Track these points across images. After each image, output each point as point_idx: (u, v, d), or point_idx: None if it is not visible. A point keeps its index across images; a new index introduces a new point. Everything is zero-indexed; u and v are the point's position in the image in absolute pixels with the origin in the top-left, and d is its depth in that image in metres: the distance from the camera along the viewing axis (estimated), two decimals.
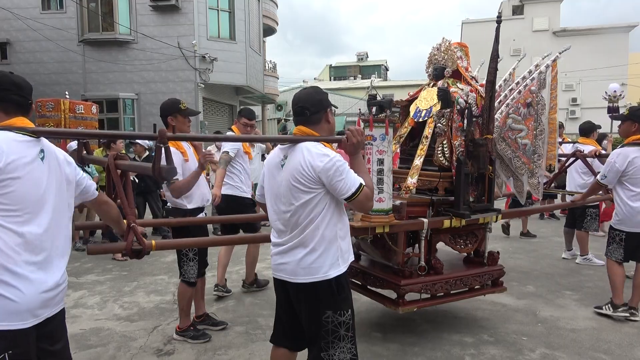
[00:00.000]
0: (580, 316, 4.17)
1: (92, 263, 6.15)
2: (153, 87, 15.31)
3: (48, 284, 1.80)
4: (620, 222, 4.05)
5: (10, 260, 1.70)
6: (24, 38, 15.46)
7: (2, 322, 1.68)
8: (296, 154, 2.24)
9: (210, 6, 15.44)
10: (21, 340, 1.72)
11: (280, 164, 2.30)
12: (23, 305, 1.71)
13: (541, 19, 27.54)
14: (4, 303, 1.68)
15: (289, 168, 2.24)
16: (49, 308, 1.83)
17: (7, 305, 1.69)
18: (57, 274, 1.85)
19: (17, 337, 1.71)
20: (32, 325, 1.75)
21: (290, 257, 2.26)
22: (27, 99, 1.93)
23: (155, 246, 2.32)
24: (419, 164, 3.47)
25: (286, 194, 2.24)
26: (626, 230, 4.01)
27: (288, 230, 2.27)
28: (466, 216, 3.33)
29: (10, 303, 1.69)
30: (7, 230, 1.71)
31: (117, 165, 2.41)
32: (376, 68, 42.35)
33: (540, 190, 3.87)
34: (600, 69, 24.25)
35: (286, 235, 2.28)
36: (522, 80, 3.80)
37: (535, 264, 5.96)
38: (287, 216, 2.25)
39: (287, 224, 2.27)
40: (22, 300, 1.71)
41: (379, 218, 2.93)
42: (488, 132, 3.41)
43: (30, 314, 1.74)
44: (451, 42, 3.77)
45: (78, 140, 2.94)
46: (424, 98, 3.76)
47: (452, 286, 3.52)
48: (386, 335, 3.76)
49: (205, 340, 3.67)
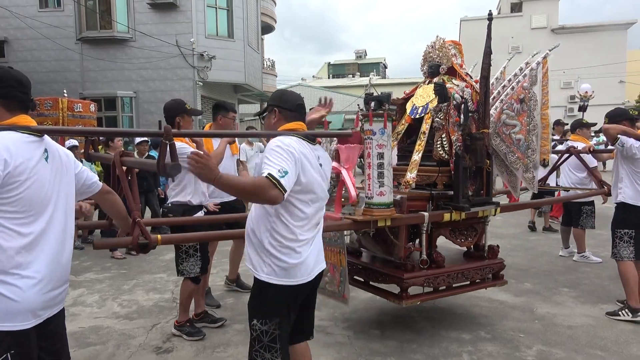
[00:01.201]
0: (577, 313, 4.19)
1: (91, 261, 6.16)
2: (151, 85, 15.29)
3: (50, 283, 1.80)
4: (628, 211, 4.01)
5: (12, 261, 1.69)
6: (21, 36, 15.41)
7: (5, 323, 1.68)
8: (320, 149, 2.36)
9: (208, 4, 15.41)
10: (23, 340, 1.72)
11: (319, 162, 2.30)
12: (25, 306, 1.71)
13: (539, 17, 27.51)
14: (6, 303, 1.67)
15: (327, 163, 2.38)
16: (51, 308, 1.83)
17: (9, 306, 1.68)
18: (58, 272, 1.85)
19: (19, 337, 1.71)
20: (34, 326, 1.75)
21: (321, 254, 2.36)
22: (28, 95, 1.90)
23: (160, 240, 2.33)
24: (417, 159, 3.50)
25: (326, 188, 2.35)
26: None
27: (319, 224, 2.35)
28: (466, 209, 3.36)
29: (13, 303, 1.68)
30: (11, 231, 1.70)
31: (122, 162, 2.43)
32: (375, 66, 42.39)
33: (535, 184, 3.89)
34: (599, 66, 24.24)
35: (317, 229, 2.33)
36: (515, 77, 3.84)
37: (533, 262, 5.98)
38: (324, 210, 2.36)
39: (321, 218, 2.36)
40: (24, 300, 1.70)
41: (380, 211, 2.96)
42: (484, 126, 3.45)
43: (32, 314, 1.74)
44: (445, 39, 3.83)
45: (86, 137, 2.96)
46: (420, 95, 3.79)
47: (453, 279, 3.55)
48: (384, 332, 3.77)
49: (199, 337, 3.68)
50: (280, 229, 2.15)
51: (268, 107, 2.38)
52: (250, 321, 2.24)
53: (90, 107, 10.14)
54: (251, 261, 2.24)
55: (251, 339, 2.23)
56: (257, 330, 2.20)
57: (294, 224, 2.17)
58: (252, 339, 2.22)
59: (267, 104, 2.40)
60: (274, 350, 2.18)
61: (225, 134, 3.80)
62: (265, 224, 2.18)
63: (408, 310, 4.14)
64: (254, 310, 2.24)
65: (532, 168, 3.79)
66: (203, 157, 1.86)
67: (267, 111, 2.39)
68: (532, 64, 3.79)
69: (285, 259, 2.15)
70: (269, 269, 2.16)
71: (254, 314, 2.23)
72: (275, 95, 2.42)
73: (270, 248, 2.16)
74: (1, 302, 1.67)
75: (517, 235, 7.59)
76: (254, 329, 2.21)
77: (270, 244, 2.16)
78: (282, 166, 2.00)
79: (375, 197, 2.96)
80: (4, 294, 1.67)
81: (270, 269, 2.16)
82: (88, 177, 2.10)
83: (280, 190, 1.96)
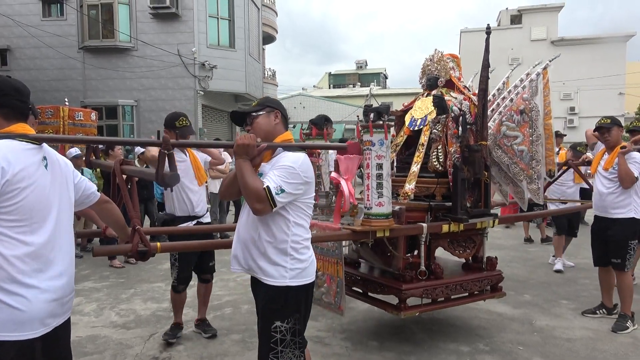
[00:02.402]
0: (577, 326, 4.17)
1: (89, 270, 6.15)
2: (152, 94, 15.35)
3: (57, 292, 1.79)
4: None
5: (18, 270, 1.68)
6: (24, 45, 15.50)
7: (12, 333, 1.66)
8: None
9: (210, 14, 15.52)
10: (30, 349, 1.71)
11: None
12: (32, 315, 1.70)
13: (539, 29, 27.70)
14: (13, 313, 1.66)
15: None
16: (59, 316, 1.82)
17: (17, 316, 1.67)
18: (64, 281, 1.84)
19: (26, 346, 1.70)
20: (41, 335, 1.74)
21: None
22: (27, 104, 1.90)
23: (160, 248, 2.34)
24: (416, 171, 3.52)
25: None
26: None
27: None
28: (464, 220, 3.37)
29: (20, 313, 1.67)
30: (14, 240, 1.69)
31: (122, 170, 2.46)
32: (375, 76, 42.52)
33: (540, 195, 3.90)
34: (598, 78, 24.37)
35: None
36: (514, 89, 3.87)
37: (531, 273, 5.97)
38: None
39: None
40: (30, 309, 1.69)
41: (379, 222, 2.97)
42: (482, 138, 3.48)
43: (40, 322, 1.73)
44: (443, 53, 3.88)
45: (88, 145, 3.00)
46: (418, 107, 3.82)
47: (452, 291, 3.55)
48: (383, 344, 3.76)
49: (165, 340, 3.75)
50: (297, 230, 2.22)
51: (265, 108, 2.33)
52: (270, 325, 2.21)
53: (91, 116, 10.11)
54: (264, 271, 2.21)
55: (271, 342, 2.21)
56: (280, 331, 2.21)
57: (305, 224, 2.26)
58: (274, 342, 2.20)
59: (265, 105, 2.35)
60: (296, 345, 2.24)
61: (218, 145, 3.76)
62: (277, 230, 2.19)
63: (406, 322, 4.13)
64: (275, 313, 2.22)
65: (537, 179, 3.81)
66: (248, 138, 2.12)
67: (261, 111, 2.33)
68: (532, 74, 3.82)
69: (305, 259, 2.24)
70: (291, 272, 2.19)
71: (274, 317, 2.22)
72: (274, 101, 2.44)
73: (292, 252, 2.20)
74: (7, 312, 1.66)
75: (516, 247, 7.58)
76: (277, 330, 2.21)
77: (292, 247, 2.20)
78: (284, 187, 2.10)
79: (374, 208, 2.97)
80: (10, 303, 1.66)
81: (293, 273, 2.20)
82: (87, 187, 2.10)
83: (272, 206, 2.08)
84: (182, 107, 14.83)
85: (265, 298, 2.24)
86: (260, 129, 2.31)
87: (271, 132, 2.31)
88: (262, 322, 2.28)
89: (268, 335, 2.22)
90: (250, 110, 2.35)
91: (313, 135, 3.50)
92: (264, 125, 2.31)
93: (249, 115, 2.34)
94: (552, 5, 28.48)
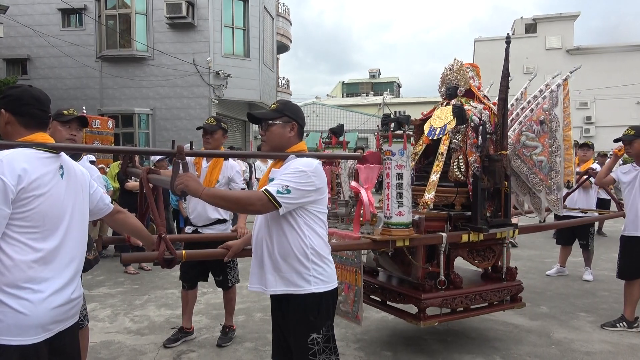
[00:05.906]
0: (596, 339, 4.09)
1: (104, 276, 6.20)
2: (168, 102, 15.54)
3: (61, 298, 1.80)
4: None
5: (24, 275, 1.70)
6: (44, 54, 15.84)
7: (15, 337, 1.68)
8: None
9: (226, 24, 15.70)
10: (33, 354, 1.72)
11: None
12: (35, 320, 1.71)
13: (554, 37, 27.56)
14: (17, 317, 1.68)
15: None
16: (63, 322, 1.83)
17: (20, 320, 1.68)
18: (70, 288, 1.85)
19: (29, 351, 1.71)
20: (44, 340, 1.75)
21: None
22: (47, 112, 1.93)
23: (185, 256, 2.36)
24: (435, 180, 3.50)
25: None
26: None
27: None
28: (484, 230, 3.34)
29: (23, 317, 1.68)
30: (24, 245, 1.71)
31: (148, 179, 2.55)
32: (388, 85, 42.58)
33: (560, 206, 3.86)
34: (615, 87, 24.11)
35: None
36: (534, 99, 3.85)
37: (549, 284, 5.88)
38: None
39: None
40: (34, 314, 1.70)
41: (399, 231, 2.96)
42: (502, 148, 3.46)
43: (43, 328, 1.74)
44: (463, 62, 3.86)
45: (118, 154, 3.08)
46: (437, 117, 3.81)
47: (471, 301, 3.52)
48: (397, 354, 3.72)
49: (164, 345, 3.83)
50: (314, 238, 2.20)
51: (283, 117, 2.27)
52: (306, 338, 2.19)
53: (108, 124, 10.32)
54: (292, 282, 2.18)
55: (309, 354, 2.19)
56: (317, 342, 2.20)
57: (320, 230, 2.25)
58: (311, 353, 2.19)
59: (283, 113, 2.28)
60: (332, 351, 2.25)
61: (232, 154, 3.72)
62: (294, 243, 2.17)
63: (421, 332, 4.08)
64: (310, 325, 2.20)
65: (556, 190, 3.77)
66: (181, 176, 2.08)
67: (278, 119, 2.27)
68: (552, 85, 3.79)
69: (327, 264, 2.24)
70: (315, 280, 2.19)
71: (310, 330, 2.20)
72: (293, 108, 2.34)
73: (314, 258, 2.19)
74: (12, 315, 1.67)
75: (533, 257, 7.47)
76: (314, 342, 2.19)
77: (312, 254, 2.18)
78: (292, 187, 2.09)
79: (394, 217, 2.96)
80: (15, 307, 1.68)
81: (317, 280, 2.19)
82: (101, 199, 2.14)
83: (275, 205, 2.05)
84: (196, 115, 15.00)
85: (299, 310, 2.20)
86: (273, 139, 2.28)
87: (283, 145, 2.29)
88: (296, 336, 2.23)
89: (305, 348, 2.20)
90: (268, 117, 2.28)
91: (332, 144, 3.49)
92: (277, 136, 2.27)
93: (265, 121, 2.29)
94: (568, 14, 28.35)
